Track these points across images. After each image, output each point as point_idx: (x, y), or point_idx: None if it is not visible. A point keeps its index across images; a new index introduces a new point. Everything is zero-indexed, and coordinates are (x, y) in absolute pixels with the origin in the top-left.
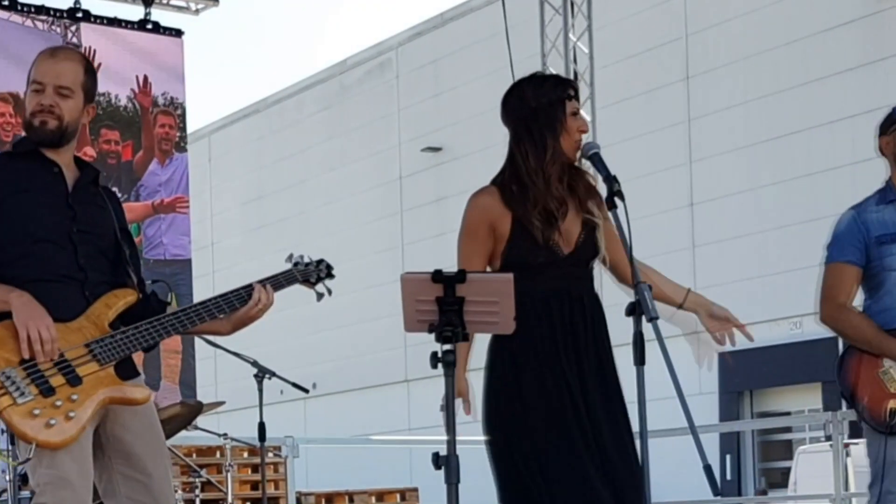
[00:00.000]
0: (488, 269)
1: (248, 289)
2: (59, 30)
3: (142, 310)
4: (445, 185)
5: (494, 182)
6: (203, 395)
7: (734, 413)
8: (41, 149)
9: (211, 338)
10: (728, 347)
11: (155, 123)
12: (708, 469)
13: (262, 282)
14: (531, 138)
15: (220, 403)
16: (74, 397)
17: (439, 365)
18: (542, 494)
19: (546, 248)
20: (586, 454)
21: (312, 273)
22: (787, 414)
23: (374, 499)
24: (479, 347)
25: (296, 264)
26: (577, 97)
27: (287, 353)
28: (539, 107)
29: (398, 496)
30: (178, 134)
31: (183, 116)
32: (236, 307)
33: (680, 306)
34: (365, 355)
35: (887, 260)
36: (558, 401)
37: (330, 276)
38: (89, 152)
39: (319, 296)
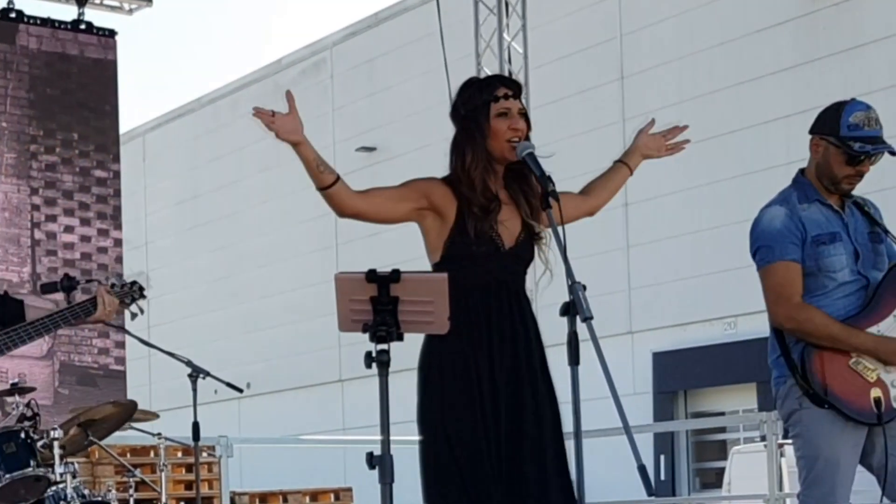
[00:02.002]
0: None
1: (93, 300)
2: None
3: None
4: (380, 184)
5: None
6: (137, 395)
7: (668, 413)
8: None
9: (145, 337)
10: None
11: None
12: (642, 469)
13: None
14: (457, 144)
15: (155, 416)
16: None
17: (374, 365)
18: (463, 496)
19: (488, 241)
20: (518, 455)
21: (127, 294)
22: (722, 414)
23: (307, 498)
24: (413, 347)
25: (112, 286)
26: (513, 96)
27: (221, 353)
28: (466, 114)
29: (332, 496)
30: None
31: None
32: (81, 317)
33: (630, 169)
34: (299, 355)
35: (825, 261)
36: (490, 400)
37: (142, 296)
38: None
39: (133, 315)
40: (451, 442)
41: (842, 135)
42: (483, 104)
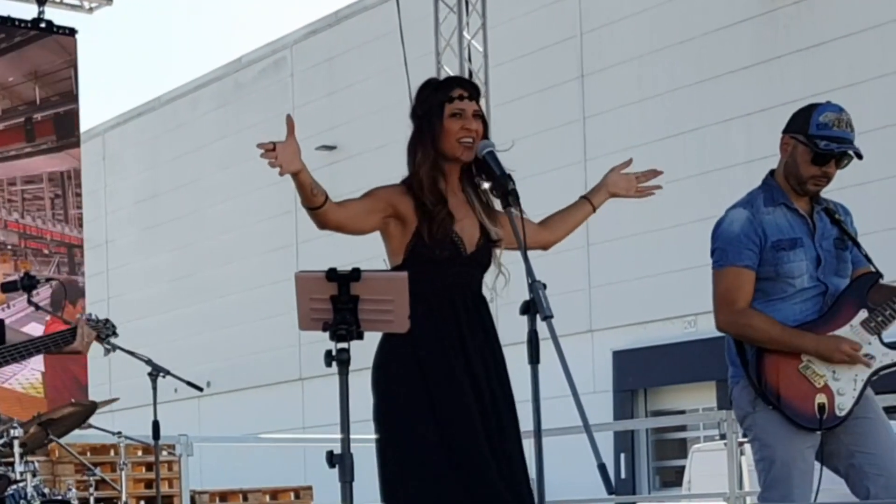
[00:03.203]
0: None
1: (73, 330)
2: None
3: None
4: (340, 183)
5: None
6: (97, 394)
7: (628, 412)
8: None
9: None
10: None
11: None
12: (602, 468)
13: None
14: (410, 144)
15: (114, 400)
16: None
17: (334, 363)
18: (421, 495)
19: (449, 245)
20: (476, 456)
21: (102, 329)
22: (682, 412)
23: (268, 497)
24: (374, 346)
25: (88, 320)
26: (469, 97)
27: (181, 352)
28: (422, 115)
29: (292, 494)
30: None
31: None
32: (60, 346)
33: (593, 207)
34: (259, 354)
35: (784, 267)
36: (450, 400)
37: (114, 334)
38: None
39: (106, 351)
40: (410, 442)
41: (810, 133)
42: (438, 104)
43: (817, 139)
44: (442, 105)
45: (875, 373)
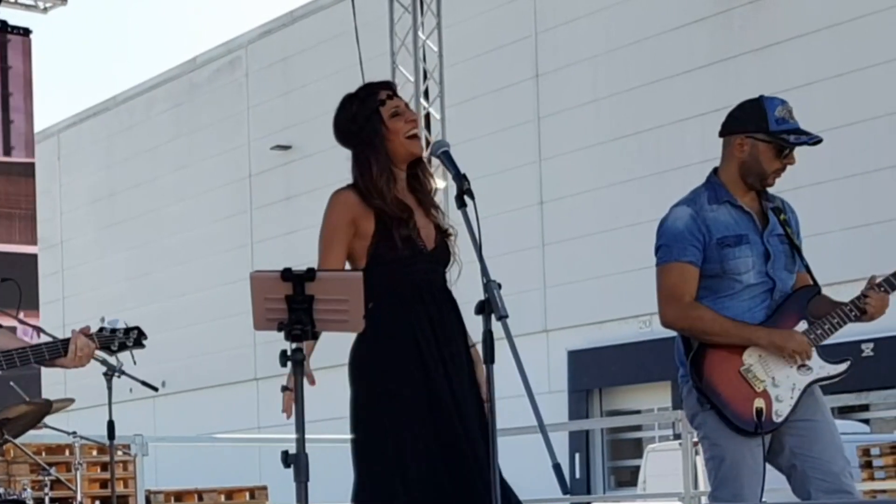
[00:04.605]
0: (347, 266)
1: (65, 342)
2: None
3: None
4: (295, 183)
5: (352, 185)
6: (52, 393)
7: (583, 411)
8: None
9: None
10: None
11: None
12: (557, 468)
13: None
14: (358, 158)
15: (70, 401)
16: None
17: (288, 363)
18: (399, 496)
19: (410, 244)
20: (451, 454)
21: (115, 340)
22: (637, 412)
23: (223, 497)
24: (330, 345)
25: (100, 329)
26: (395, 94)
27: (137, 352)
28: (360, 129)
29: (247, 494)
30: None
31: None
32: (46, 358)
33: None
34: (214, 353)
35: (730, 263)
36: (424, 399)
37: (139, 345)
38: None
39: (110, 368)
40: (390, 439)
41: (772, 130)
42: (373, 112)
43: (784, 134)
44: (377, 111)
45: (810, 384)
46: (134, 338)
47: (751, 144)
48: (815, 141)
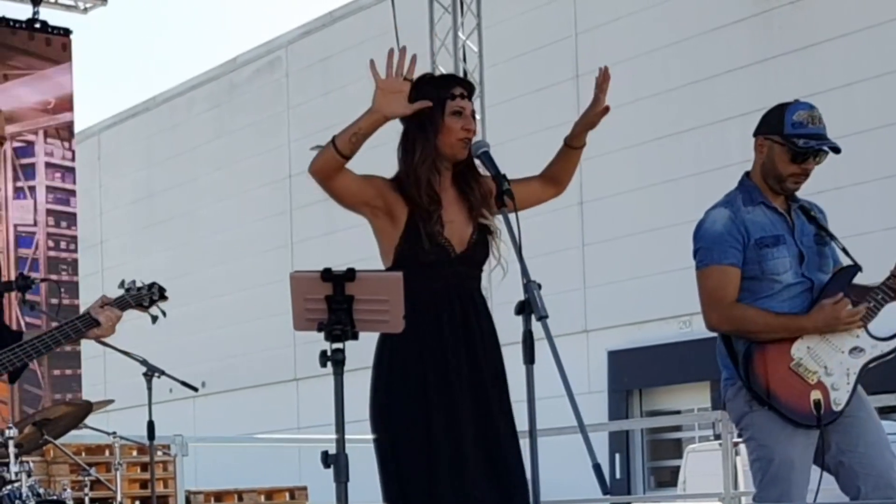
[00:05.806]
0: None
1: (85, 317)
2: None
3: None
4: None
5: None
6: (92, 394)
7: (623, 412)
8: None
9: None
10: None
11: None
12: (597, 468)
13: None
14: (406, 140)
15: (110, 402)
16: None
17: (329, 364)
18: (424, 495)
19: (436, 247)
20: (473, 455)
21: (145, 297)
22: (677, 413)
23: (263, 497)
24: (369, 346)
25: (127, 290)
26: (467, 97)
27: (176, 352)
28: (420, 110)
29: (287, 495)
30: None
31: None
32: (82, 331)
33: (576, 147)
34: (254, 354)
35: (768, 264)
36: (444, 401)
37: (163, 297)
38: None
39: (154, 318)
40: (405, 442)
41: (786, 133)
42: (439, 100)
43: (795, 138)
44: (443, 101)
45: (866, 365)
46: (158, 291)
47: (768, 146)
48: (831, 147)
